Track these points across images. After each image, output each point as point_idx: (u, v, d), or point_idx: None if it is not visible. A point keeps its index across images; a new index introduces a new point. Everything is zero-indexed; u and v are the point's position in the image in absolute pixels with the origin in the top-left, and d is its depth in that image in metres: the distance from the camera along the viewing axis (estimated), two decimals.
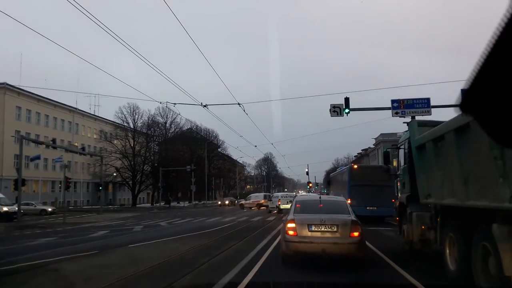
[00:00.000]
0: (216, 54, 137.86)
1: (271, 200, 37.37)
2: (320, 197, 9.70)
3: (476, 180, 5.33)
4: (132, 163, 55.70)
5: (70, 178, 32.65)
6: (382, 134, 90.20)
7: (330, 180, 32.90)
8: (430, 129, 7.25)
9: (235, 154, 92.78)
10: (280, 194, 37.75)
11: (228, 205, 57.60)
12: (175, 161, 58.76)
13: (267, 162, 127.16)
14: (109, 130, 56.85)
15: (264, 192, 64.46)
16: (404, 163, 10.23)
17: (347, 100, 17.84)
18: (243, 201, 42.18)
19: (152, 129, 60.33)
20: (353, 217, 8.08)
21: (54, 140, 33.35)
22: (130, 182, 55.54)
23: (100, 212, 38.58)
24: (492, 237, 4.75)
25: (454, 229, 6.62)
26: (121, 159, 55.38)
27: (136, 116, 56.78)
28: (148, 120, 58.39)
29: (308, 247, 7.56)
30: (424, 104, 17.83)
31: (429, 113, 17.72)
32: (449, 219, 6.87)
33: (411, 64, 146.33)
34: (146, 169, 57.94)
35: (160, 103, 65.09)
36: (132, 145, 55.93)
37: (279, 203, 32.30)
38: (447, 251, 6.83)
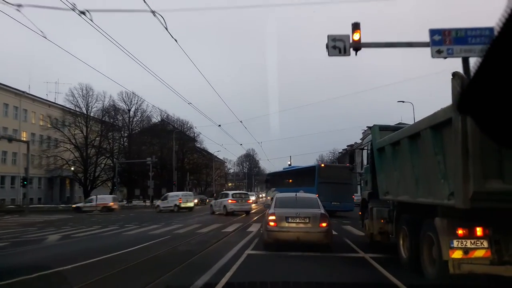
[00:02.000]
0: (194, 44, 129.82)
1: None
2: (296, 195, 10.83)
3: (424, 181, 6.14)
4: (84, 154, 47.26)
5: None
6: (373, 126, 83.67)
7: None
8: (390, 134, 8.21)
9: (214, 149, 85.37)
10: (231, 192, 27.82)
11: (197, 204, 50.04)
12: (139, 154, 50.65)
13: (249, 158, 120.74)
14: (60, 116, 48.08)
15: (239, 191, 57.75)
16: (367, 163, 11.09)
17: (356, 26, 10.16)
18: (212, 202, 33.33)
19: (109, 115, 51.58)
20: (322, 211, 9.70)
21: None
22: (83, 177, 46.85)
23: (25, 212, 30.42)
24: (435, 228, 5.61)
25: (406, 223, 7.41)
26: (71, 149, 46.97)
27: (90, 99, 48.21)
28: (104, 106, 49.52)
29: (286, 235, 9.21)
30: (484, 38, 10.23)
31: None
32: (403, 213, 7.77)
33: (412, 63, 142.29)
34: (102, 162, 49.64)
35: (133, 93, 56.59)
36: (84, 133, 47.47)
37: (230, 202, 24.47)
38: (401, 241, 7.64)
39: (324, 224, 9.10)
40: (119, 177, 54.10)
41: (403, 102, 41.63)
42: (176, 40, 12.26)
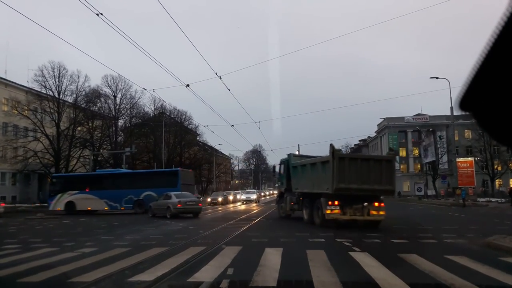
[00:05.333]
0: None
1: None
2: None
3: (317, 182, 14.82)
4: (54, 145, 40.05)
5: None
6: (387, 119, 75.41)
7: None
8: (299, 159, 18.53)
9: (215, 143, 77.98)
10: (173, 193, 22.03)
11: None
12: (130, 147, 43.15)
13: (256, 154, 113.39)
14: (25, 100, 40.69)
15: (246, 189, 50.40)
16: (283, 172, 19.85)
17: None
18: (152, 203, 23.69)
19: (88, 99, 44.10)
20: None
21: None
22: (53, 171, 39.34)
23: None
24: (320, 202, 14.23)
25: (307, 201, 16.25)
26: (40, 139, 39.85)
27: (64, 80, 40.74)
28: (78, 87, 41.70)
29: None
30: None
31: None
32: (305, 198, 16.58)
33: (413, 63, 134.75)
34: (77, 154, 42.43)
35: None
36: (56, 121, 40.22)
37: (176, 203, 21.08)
38: (304, 212, 16.70)
39: None
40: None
41: (437, 78, 33.74)
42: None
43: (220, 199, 39.09)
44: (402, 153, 72.96)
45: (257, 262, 7.08)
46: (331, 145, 13.86)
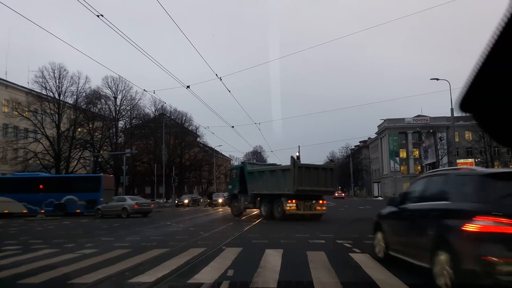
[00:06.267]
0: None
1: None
2: None
3: (277, 184, 19.10)
4: (55, 146, 40.03)
5: None
6: (387, 120, 75.21)
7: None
8: (252, 166, 22.66)
9: (216, 145, 77.83)
10: (127, 196, 26.72)
11: (187, 204, 42.76)
12: (131, 148, 43.02)
13: (256, 155, 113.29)
14: (25, 101, 40.58)
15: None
16: (235, 177, 22.89)
17: None
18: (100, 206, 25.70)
19: (88, 101, 44.10)
20: None
21: None
22: (54, 172, 39.29)
23: None
24: (281, 201, 18.71)
25: (266, 201, 20.06)
26: (40, 141, 39.85)
27: (64, 81, 40.72)
28: (78, 89, 41.63)
29: None
30: None
31: None
32: (263, 198, 20.24)
33: (413, 64, 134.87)
34: (77, 155, 42.45)
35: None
36: (56, 122, 40.21)
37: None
38: (262, 209, 20.45)
39: None
40: (105, 173, 47.07)
41: (437, 79, 33.73)
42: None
43: (220, 200, 39.18)
44: (403, 154, 72.90)
45: (258, 264, 7.07)
46: (291, 157, 19.22)
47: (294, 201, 18.40)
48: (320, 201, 19.18)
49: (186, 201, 43.46)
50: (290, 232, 12.85)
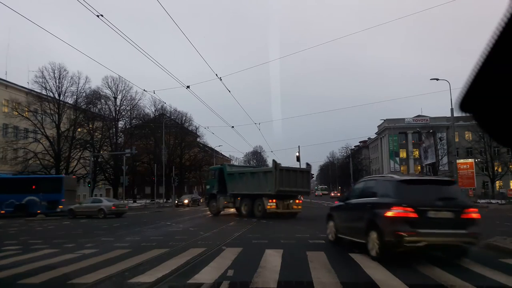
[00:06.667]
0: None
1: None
2: None
3: (257, 186, 20.88)
4: (55, 146, 39.98)
5: None
6: (387, 120, 75.21)
7: None
8: (231, 167, 26.46)
9: (216, 145, 77.90)
10: (103, 198, 28.20)
11: (187, 204, 42.74)
12: (131, 148, 42.96)
13: (256, 156, 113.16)
14: (25, 101, 40.51)
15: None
16: (214, 177, 24.35)
17: None
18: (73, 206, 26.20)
19: (88, 101, 44.02)
20: None
21: None
22: (54, 172, 39.20)
23: None
24: (262, 200, 20.47)
25: (246, 201, 21.71)
26: (40, 141, 39.79)
27: (64, 81, 40.63)
28: (78, 89, 41.50)
29: None
30: None
31: None
32: (244, 198, 21.87)
33: (413, 65, 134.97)
34: (77, 155, 42.38)
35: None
36: (56, 122, 40.16)
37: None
38: (242, 209, 21.95)
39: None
40: (105, 173, 47.13)
41: (437, 79, 33.69)
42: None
43: (186, 201, 39.60)
44: (403, 154, 72.90)
45: (257, 264, 7.07)
46: (273, 160, 21.07)
47: (274, 200, 20.26)
48: (297, 201, 21.23)
49: (186, 201, 43.46)
50: (290, 232, 12.85)
